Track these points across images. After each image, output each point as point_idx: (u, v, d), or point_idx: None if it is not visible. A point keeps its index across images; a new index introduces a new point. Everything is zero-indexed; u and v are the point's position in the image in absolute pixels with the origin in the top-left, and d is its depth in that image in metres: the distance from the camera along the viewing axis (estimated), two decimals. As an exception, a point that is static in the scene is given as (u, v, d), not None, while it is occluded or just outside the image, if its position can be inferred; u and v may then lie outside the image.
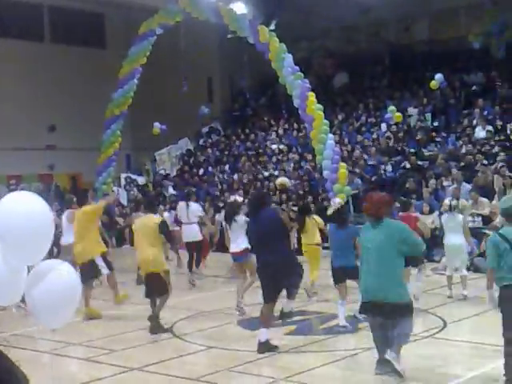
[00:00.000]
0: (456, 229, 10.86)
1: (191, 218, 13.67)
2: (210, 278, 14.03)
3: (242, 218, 10.57)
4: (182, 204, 14.24)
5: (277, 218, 8.15)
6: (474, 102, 20.57)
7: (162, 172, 25.74)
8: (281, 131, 24.84)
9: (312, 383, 6.81)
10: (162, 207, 19.73)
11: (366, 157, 20.14)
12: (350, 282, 9.29)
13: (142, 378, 7.30)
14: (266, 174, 21.65)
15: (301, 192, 19.06)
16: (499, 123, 19.02)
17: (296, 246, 12.77)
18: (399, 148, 20.06)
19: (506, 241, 6.12)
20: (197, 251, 13.96)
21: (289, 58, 17.39)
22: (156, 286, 9.31)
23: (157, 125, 21.76)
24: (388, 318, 6.67)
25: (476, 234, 13.55)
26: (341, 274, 9.18)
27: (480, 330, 8.11)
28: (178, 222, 15.36)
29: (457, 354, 7.99)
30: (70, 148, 26.62)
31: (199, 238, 13.81)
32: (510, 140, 18.10)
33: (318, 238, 11.58)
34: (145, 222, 9.57)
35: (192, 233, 13.65)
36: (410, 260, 8.58)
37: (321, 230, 11.75)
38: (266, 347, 7.95)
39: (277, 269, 7.99)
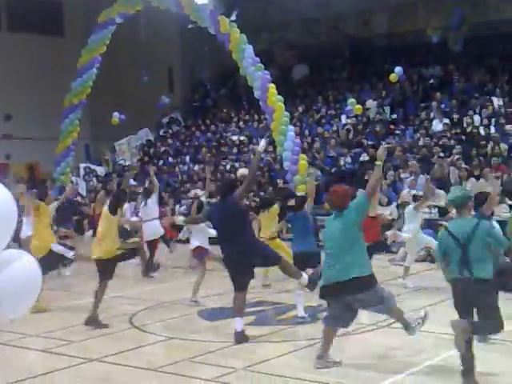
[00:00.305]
0: (410, 218, 11.31)
1: (150, 215, 13.46)
2: (170, 268, 14.01)
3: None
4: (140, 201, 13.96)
5: (235, 204, 8.13)
6: (432, 95, 20.89)
7: (122, 162, 25.54)
8: (241, 122, 24.86)
9: (272, 373, 6.87)
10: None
11: (325, 149, 20.30)
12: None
13: (100, 368, 7.27)
14: (227, 165, 21.66)
15: (263, 181, 19.10)
16: (456, 116, 19.37)
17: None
18: (358, 140, 20.26)
19: (452, 236, 6.22)
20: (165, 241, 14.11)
21: (249, 49, 17.42)
22: (108, 269, 9.17)
23: (116, 114, 21.59)
24: (350, 294, 6.70)
25: (432, 225, 13.81)
26: (301, 260, 9.19)
27: (435, 320, 8.25)
28: (137, 213, 15.23)
29: (413, 343, 8.13)
30: (26, 137, 26.21)
31: (161, 233, 13.68)
32: (466, 133, 18.44)
33: (269, 232, 11.37)
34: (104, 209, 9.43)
35: (153, 230, 13.42)
36: (372, 249, 8.77)
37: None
38: (242, 336, 7.98)
39: (241, 256, 8.03)
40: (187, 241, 11.43)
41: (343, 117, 21.78)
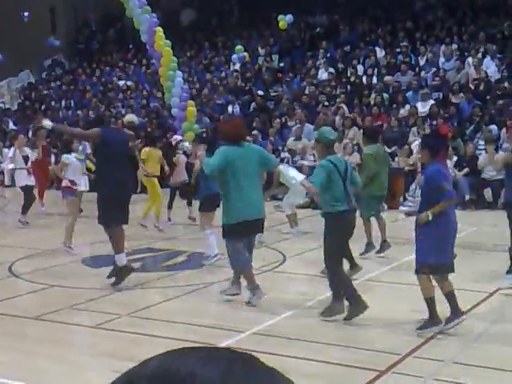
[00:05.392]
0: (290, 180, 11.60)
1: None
2: (53, 216, 13.64)
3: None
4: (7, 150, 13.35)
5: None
6: (318, 44, 21.14)
7: (2, 106, 24.39)
8: (128, 67, 24.23)
9: (157, 318, 6.92)
10: (0, 143, 18.90)
11: (214, 95, 20.20)
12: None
13: (-22, 318, 7.06)
14: (113, 111, 21.13)
15: (149, 129, 18.82)
16: (341, 66, 19.74)
17: None
18: (247, 88, 20.28)
19: (338, 170, 6.49)
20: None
21: (136, -10, 16.84)
22: None
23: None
24: (257, 233, 7.20)
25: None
26: (215, 202, 8.90)
27: (316, 263, 8.58)
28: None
29: (295, 285, 8.45)
30: None
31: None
32: (350, 82, 18.88)
33: (150, 170, 11.61)
34: None
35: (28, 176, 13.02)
36: None
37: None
38: (124, 271, 7.95)
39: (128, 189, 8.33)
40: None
41: (232, 64, 21.69)
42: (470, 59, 17.90)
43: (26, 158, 13.01)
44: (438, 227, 5.96)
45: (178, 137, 13.89)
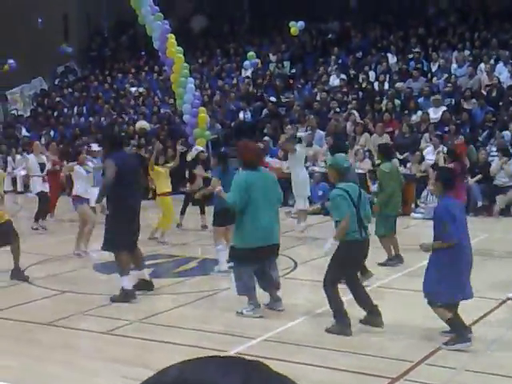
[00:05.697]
0: (300, 163, 11.58)
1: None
2: (64, 222, 13.71)
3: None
4: (31, 157, 13.46)
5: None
6: (330, 50, 21.15)
7: (15, 112, 24.55)
8: (140, 74, 24.33)
9: (168, 324, 6.92)
10: (13, 150, 19.06)
11: (226, 102, 20.24)
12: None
13: (-9, 323, 7.10)
14: (125, 117, 21.21)
15: (161, 137, 18.87)
16: (352, 72, 19.74)
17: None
18: (258, 94, 20.31)
19: (350, 198, 6.44)
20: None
21: (148, -4, 16.92)
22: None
23: (11, 62, 20.52)
24: (272, 257, 7.19)
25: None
26: (229, 215, 8.67)
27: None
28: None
29: (306, 292, 8.43)
30: None
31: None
32: (361, 88, 18.85)
33: (161, 188, 11.39)
34: None
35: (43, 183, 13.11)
36: None
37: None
38: (125, 295, 7.86)
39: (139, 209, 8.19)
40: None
41: (244, 70, 21.73)
42: (482, 65, 17.83)
43: (42, 166, 13.08)
44: (449, 258, 5.84)
45: (198, 147, 13.96)
